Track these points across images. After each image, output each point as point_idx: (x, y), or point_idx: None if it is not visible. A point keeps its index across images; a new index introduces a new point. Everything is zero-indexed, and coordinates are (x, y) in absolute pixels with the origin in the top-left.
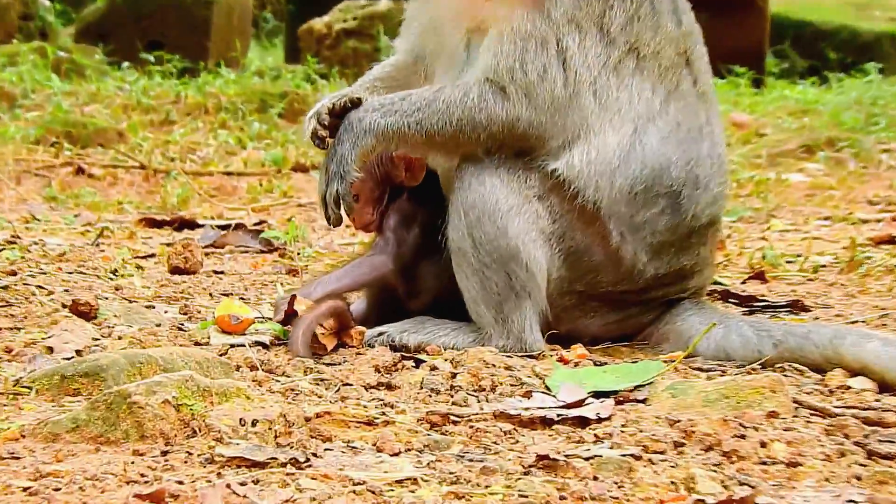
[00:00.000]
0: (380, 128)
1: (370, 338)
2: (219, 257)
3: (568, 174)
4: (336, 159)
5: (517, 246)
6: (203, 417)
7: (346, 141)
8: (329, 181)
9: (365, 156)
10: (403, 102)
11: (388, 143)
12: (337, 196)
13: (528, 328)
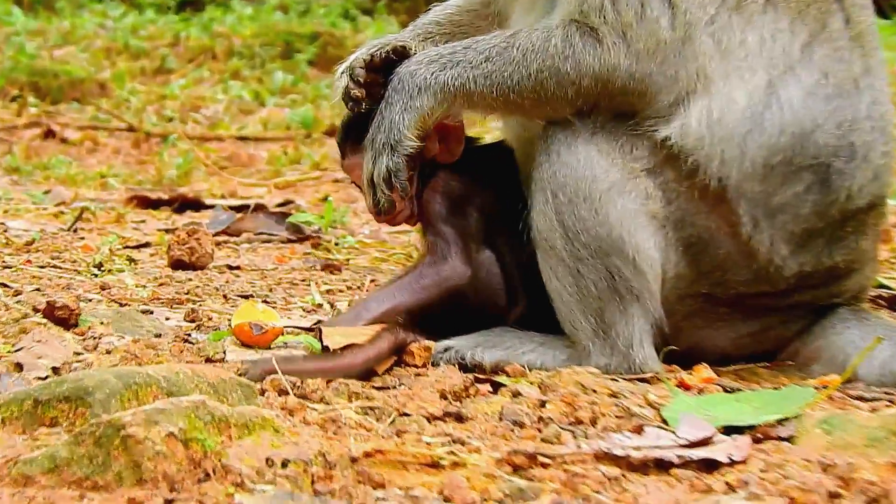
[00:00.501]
0: (438, 84)
1: (434, 354)
2: (233, 248)
3: (683, 142)
4: (384, 127)
5: (621, 235)
6: (219, 456)
7: (395, 103)
8: (376, 156)
9: (422, 121)
10: (468, 51)
11: (449, 104)
12: (388, 174)
13: (638, 342)
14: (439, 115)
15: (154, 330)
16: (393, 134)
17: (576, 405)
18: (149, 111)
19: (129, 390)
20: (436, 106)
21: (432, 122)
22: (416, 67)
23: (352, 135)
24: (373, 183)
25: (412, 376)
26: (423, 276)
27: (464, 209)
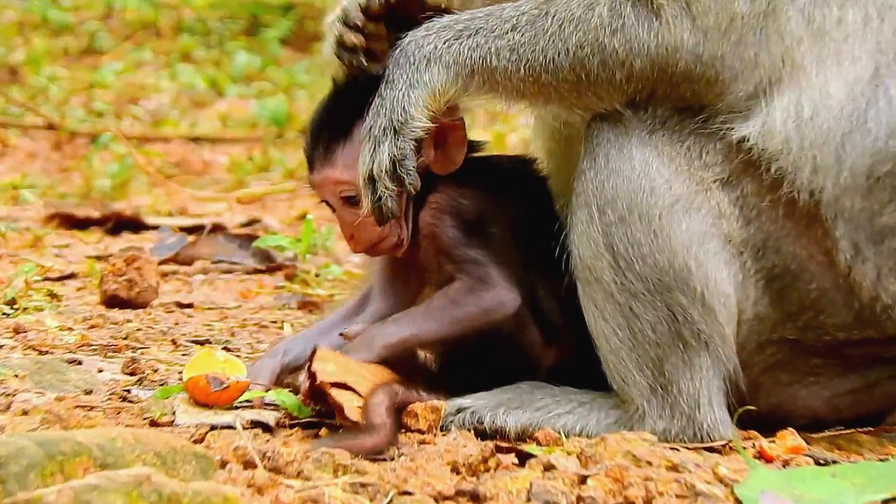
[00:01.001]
0: (452, 55)
1: (444, 417)
2: (184, 280)
3: (765, 145)
4: (384, 109)
5: (687, 264)
6: None
7: (398, 78)
8: (375, 144)
9: (432, 99)
10: (491, 18)
11: (465, 82)
12: (392, 165)
13: (706, 401)
14: (453, 96)
15: (84, 385)
16: (396, 114)
17: (626, 481)
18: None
19: (53, 461)
20: (448, 82)
21: (444, 104)
22: (425, 34)
23: (325, 135)
24: (372, 178)
25: (415, 444)
26: (458, 304)
27: (484, 230)
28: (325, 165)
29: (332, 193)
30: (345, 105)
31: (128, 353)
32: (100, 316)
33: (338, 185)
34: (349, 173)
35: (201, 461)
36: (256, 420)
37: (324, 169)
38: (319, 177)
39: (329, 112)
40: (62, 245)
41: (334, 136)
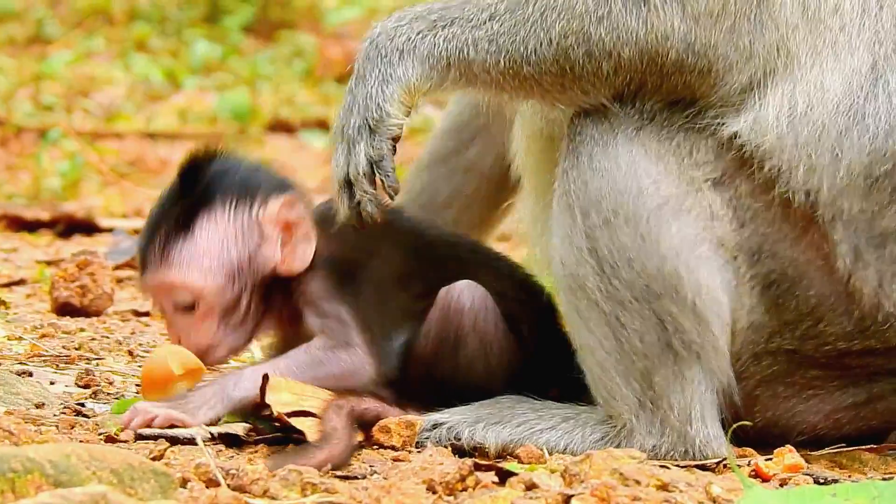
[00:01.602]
0: (427, 48)
1: (419, 433)
2: None
3: (758, 142)
4: (357, 108)
5: (677, 270)
6: None
7: (369, 74)
8: (350, 145)
9: (406, 95)
10: (467, 6)
11: (441, 77)
12: (370, 168)
13: (698, 416)
14: (427, 90)
15: (35, 398)
16: (371, 112)
17: (612, 501)
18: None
19: (3, 479)
20: (423, 77)
21: (418, 99)
22: (396, 25)
23: (162, 229)
24: (349, 182)
25: (388, 462)
26: (319, 364)
27: (354, 284)
28: (161, 266)
29: (165, 298)
30: (189, 196)
31: (81, 364)
32: (51, 325)
33: (173, 290)
34: (184, 275)
35: (161, 479)
36: (224, 432)
37: (159, 270)
38: (153, 279)
39: (169, 204)
40: (9, 249)
41: (173, 231)
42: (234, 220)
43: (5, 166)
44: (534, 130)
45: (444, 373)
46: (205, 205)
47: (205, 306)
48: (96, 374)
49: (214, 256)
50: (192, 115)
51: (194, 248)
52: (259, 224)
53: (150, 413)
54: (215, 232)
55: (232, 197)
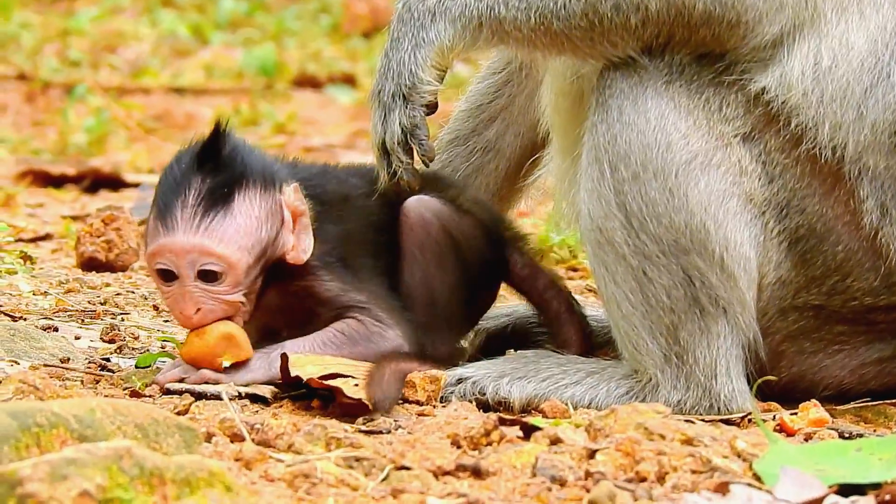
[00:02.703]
0: (458, 7)
1: (444, 387)
2: None
3: (785, 97)
4: (391, 73)
5: (705, 225)
6: None
7: (403, 37)
8: (385, 112)
9: (439, 57)
10: None
11: (473, 36)
12: (403, 137)
13: (723, 371)
14: (461, 51)
15: (60, 353)
16: (404, 78)
17: (637, 456)
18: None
19: (28, 434)
20: (456, 38)
21: (452, 60)
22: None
23: (201, 198)
24: (386, 150)
25: (413, 417)
26: (358, 343)
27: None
28: (198, 232)
29: (188, 263)
30: (220, 170)
31: (107, 319)
32: (76, 279)
33: (204, 256)
34: (223, 247)
35: (185, 434)
36: (251, 392)
37: (195, 235)
38: (186, 242)
39: (197, 174)
40: (36, 204)
41: (209, 202)
42: (264, 201)
43: (32, 122)
44: (562, 87)
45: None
46: (239, 182)
47: (231, 281)
48: (121, 329)
49: (251, 235)
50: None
51: (234, 222)
52: (281, 208)
53: (193, 374)
54: (251, 210)
55: (261, 178)
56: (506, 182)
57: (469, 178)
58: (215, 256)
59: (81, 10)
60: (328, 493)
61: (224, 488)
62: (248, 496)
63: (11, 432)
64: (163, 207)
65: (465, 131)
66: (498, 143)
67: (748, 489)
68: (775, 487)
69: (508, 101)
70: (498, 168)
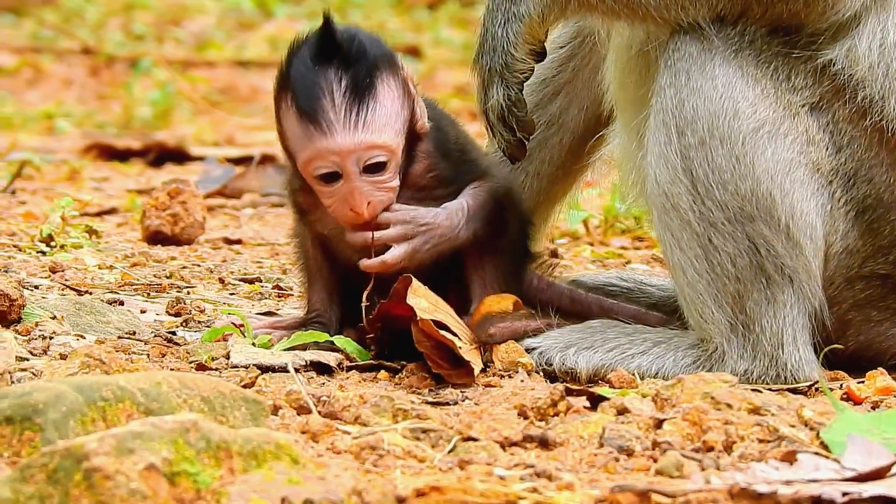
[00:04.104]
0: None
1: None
2: (232, 215)
3: (852, 70)
4: (488, 46)
5: (771, 193)
6: (216, 496)
7: (497, 9)
8: (486, 85)
9: (530, 32)
10: None
11: (561, 8)
12: (502, 109)
13: (790, 340)
14: (551, 23)
15: (126, 326)
16: (498, 55)
17: (704, 425)
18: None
19: (94, 408)
20: (545, 11)
21: (545, 32)
22: None
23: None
24: (488, 120)
25: (480, 387)
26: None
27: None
28: (357, 129)
29: (354, 161)
30: (354, 61)
31: (172, 292)
32: (142, 253)
33: (370, 151)
34: (385, 136)
35: (252, 406)
36: (315, 360)
37: (357, 132)
38: (348, 142)
39: (338, 70)
40: (101, 178)
41: (357, 96)
42: (396, 79)
43: (96, 96)
44: (627, 62)
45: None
46: (374, 68)
47: (392, 166)
48: (187, 303)
49: (399, 116)
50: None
51: (385, 109)
52: (407, 83)
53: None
54: (392, 94)
55: (386, 59)
56: (570, 156)
57: (533, 152)
58: (379, 148)
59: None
60: (395, 464)
61: (291, 461)
62: (314, 469)
63: (77, 406)
64: (309, 110)
65: (529, 105)
66: (562, 118)
67: (815, 458)
68: (842, 456)
69: (573, 76)
70: (562, 142)
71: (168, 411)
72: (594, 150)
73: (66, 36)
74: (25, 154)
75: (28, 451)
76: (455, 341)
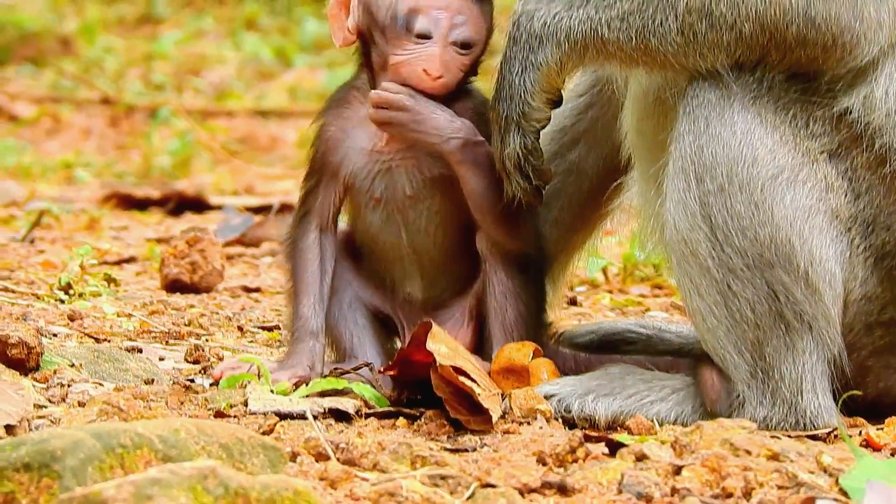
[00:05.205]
0: (563, 30)
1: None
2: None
3: (868, 118)
4: (506, 92)
5: (790, 240)
6: None
7: (514, 58)
8: (503, 133)
9: (548, 81)
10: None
11: (580, 56)
12: (518, 158)
13: (809, 387)
14: (570, 71)
15: (144, 374)
16: (515, 104)
17: (723, 472)
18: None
19: (112, 455)
20: (563, 59)
21: (562, 81)
22: (536, 7)
23: None
24: (505, 168)
25: (498, 434)
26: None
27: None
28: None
29: (453, 26)
30: None
31: (191, 340)
32: (161, 301)
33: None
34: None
35: (270, 453)
36: (333, 407)
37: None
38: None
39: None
40: (120, 227)
41: None
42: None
43: (116, 145)
44: (645, 109)
45: None
46: None
47: (474, 54)
48: (206, 350)
49: (487, 22)
50: (302, 93)
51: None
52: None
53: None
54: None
55: None
56: (589, 203)
57: (551, 200)
58: (478, 27)
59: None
60: None
61: None
62: None
63: (96, 453)
64: None
65: (548, 154)
66: (581, 165)
67: None
68: (862, 502)
69: (592, 124)
70: (581, 189)
71: (186, 458)
72: (613, 197)
73: (85, 86)
74: (44, 203)
75: (46, 498)
76: (474, 388)
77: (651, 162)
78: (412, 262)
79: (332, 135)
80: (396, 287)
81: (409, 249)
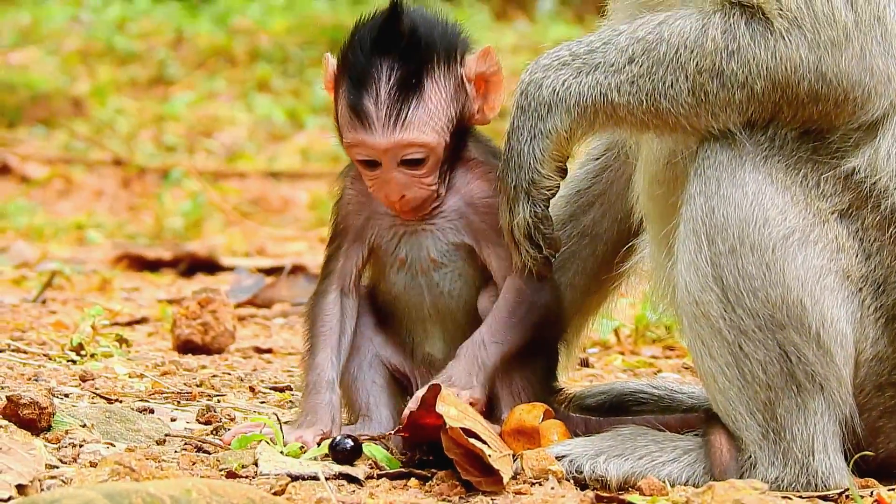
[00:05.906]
0: (573, 97)
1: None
2: (262, 324)
3: (874, 178)
4: (513, 163)
5: (801, 301)
6: None
7: (522, 127)
8: (511, 202)
9: (557, 149)
10: (608, 49)
11: (590, 122)
12: (528, 227)
13: (821, 448)
14: (580, 138)
15: (156, 434)
16: (524, 173)
17: None
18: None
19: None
20: (573, 126)
21: (571, 148)
22: (544, 75)
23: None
24: (514, 237)
25: (510, 494)
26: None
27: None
28: (398, 127)
29: (391, 157)
30: (406, 54)
31: (203, 400)
32: (172, 362)
33: (404, 149)
34: (424, 135)
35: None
36: (343, 473)
37: (396, 131)
38: (389, 139)
39: (391, 64)
40: (132, 288)
41: (403, 92)
42: (451, 78)
43: (128, 207)
44: (656, 174)
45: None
46: (426, 65)
47: (432, 161)
48: (217, 411)
49: (443, 115)
50: (314, 155)
51: (427, 109)
52: (465, 81)
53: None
54: (440, 92)
55: (443, 55)
56: (603, 266)
57: (566, 263)
58: (416, 146)
59: (177, 95)
60: None
61: None
62: None
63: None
64: (355, 102)
65: (563, 217)
66: (595, 229)
67: None
68: None
69: (606, 187)
70: (595, 253)
71: None
72: (625, 259)
73: (97, 147)
74: (56, 264)
75: None
76: (484, 449)
77: (662, 224)
78: (434, 324)
79: (353, 198)
80: (416, 347)
81: (431, 311)
